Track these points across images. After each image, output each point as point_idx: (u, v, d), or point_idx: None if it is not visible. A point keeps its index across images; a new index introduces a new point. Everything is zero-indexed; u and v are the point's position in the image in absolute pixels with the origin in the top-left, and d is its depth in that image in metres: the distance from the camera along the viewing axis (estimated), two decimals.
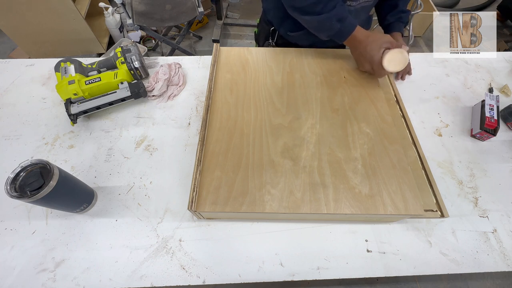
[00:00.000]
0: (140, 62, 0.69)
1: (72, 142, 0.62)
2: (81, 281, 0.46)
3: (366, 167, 0.51)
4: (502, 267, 0.49)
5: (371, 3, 0.70)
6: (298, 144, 0.53)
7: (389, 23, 0.75)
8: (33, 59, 0.78)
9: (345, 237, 0.51)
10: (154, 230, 0.51)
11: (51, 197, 0.41)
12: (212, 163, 0.50)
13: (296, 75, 0.66)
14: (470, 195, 0.57)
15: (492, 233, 0.53)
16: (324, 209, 0.46)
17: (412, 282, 1.14)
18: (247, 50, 0.71)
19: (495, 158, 0.63)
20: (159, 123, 0.66)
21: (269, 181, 0.48)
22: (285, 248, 0.49)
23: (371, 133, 0.56)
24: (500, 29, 2.16)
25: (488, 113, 0.65)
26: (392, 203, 0.47)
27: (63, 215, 0.52)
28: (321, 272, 0.47)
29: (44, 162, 0.42)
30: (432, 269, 0.48)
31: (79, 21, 1.57)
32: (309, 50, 0.72)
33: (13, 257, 0.47)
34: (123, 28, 1.86)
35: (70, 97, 0.62)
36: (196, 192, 0.46)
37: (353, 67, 0.68)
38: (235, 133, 0.55)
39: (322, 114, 0.59)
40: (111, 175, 0.57)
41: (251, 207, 0.45)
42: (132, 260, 0.48)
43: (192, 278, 0.46)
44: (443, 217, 0.49)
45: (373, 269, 0.48)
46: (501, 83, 0.78)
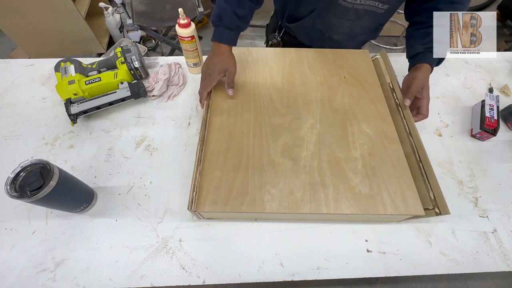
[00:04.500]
0: (140, 62, 0.69)
1: (72, 142, 0.62)
2: (81, 281, 0.46)
3: (366, 167, 0.51)
4: (502, 267, 0.49)
5: (381, 13, 0.64)
6: (298, 144, 0.53)
7: (417, 54, 0.61)
8: (33, 59, 0.78)
9: (345, 237, 0.51)
10: (154, 230, 0.51)
11: (51, 197, 0.41)
12: (212, 163, 0.50)
13: (296, 75, 0.66)
14: (470, 195, 0.57)
15: (492, 233, 0.53)
16: (324, 209, 0.46)
17: (412, 282, 1.14)
18: (247, 50, 0.71)
19: (495, 158, 0.63)
20: (159, 123, 0.66)
21: (269, 181, 0.48)
22: (285, 248, 0.49)
23: (371, 133, 0.56)
24: (500, 29, 2.16)
25: (488, 113, 0.65)
26: (392, 203, 0.47)
27: (63, 215, 0.52)
28: (321, 272, 0.47)
29: (44, 162, 0.42)
30: (432, 269, 0.48)
31: (79, 21, 1.57)
32: (309, 50, 0.72)
33: (13, 257, 0.47)
34: (123, 28, 1.86)
35: (70, 97, 0.62)
36: (196, 192, 0.46)
37: (353, 67, 0.68)
38: (235, 133, 0.55)
39: (322, 114, 0.59)
40: (111, 175, 0.57)
41: (251, 207, 0.45)
42: (132, 260, 0.48)
43: (192, 278, 0.46)
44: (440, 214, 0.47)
45: (373, 269, 0.48)
46: (501, 83, 0.78)
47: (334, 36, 0.72)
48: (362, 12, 0.64)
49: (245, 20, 0.58)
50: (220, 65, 0.57)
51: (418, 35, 0.61)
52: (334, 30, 0.71)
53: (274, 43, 0.82)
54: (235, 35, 0.58)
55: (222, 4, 0.55)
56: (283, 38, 0.81)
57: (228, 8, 0.55)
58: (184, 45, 0.67)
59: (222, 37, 0.57)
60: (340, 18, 0.67)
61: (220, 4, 0.56)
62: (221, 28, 0.56)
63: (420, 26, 0.61)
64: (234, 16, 0.55)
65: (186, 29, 0.63)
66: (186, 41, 0.65)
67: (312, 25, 0.71)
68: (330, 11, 0.65)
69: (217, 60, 0.57)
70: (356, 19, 0.66)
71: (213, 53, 0.58)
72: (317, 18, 0.68)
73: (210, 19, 0.59)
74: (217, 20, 0.56)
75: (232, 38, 0.58)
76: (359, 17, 0.66)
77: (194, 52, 0.69)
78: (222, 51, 0.58)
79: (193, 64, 0.73)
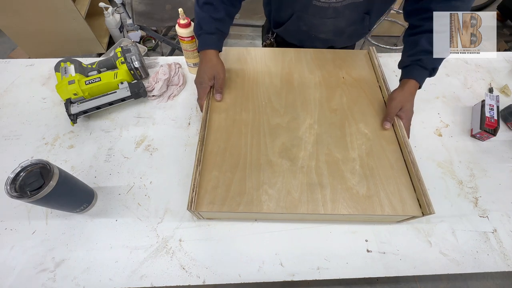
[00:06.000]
0: (140, 62, 0.69)
1: (72, 142, 0.62)
2: (81, 281, 0.46)
3: (364, 168, 0.51)
4: (502, 267, 0.49)
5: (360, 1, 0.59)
6: (296, 144, 0.53)
7: (404, 66, 0.58)
8: (33, 59, 0.78)
9: (345, 237, 0.51)
10: (154, 230, 0.51)
11: (51, 197, 0.41)
12: (210, 162, 0.50)
13: (294, 75, 0.66)
14: (470, 195, 0.57)
15: (492, 233, 0.53)
16: (321, 210, 0.46)
17: (412, 282, 1.14)
18: (246, 51, 0.71)
19: (495, 158, 0.63)
20: (159, 123, 0.66)
21: (266, 181, 0.48)
22: (285, 248, 0.49)
23: (369, 133, 0.56)
24: (500, 29, 2.16)
25: (488, 113, 0.65)
26: (390, 204, 0.47)
27: (63, 215, 0.52)
28: (321, 272, 0.47)
29: (44, 162, 0.42)
30: (432, 269, 0.48)
31: (79, 21, 1.57)
32: (308, 51, 0.72)
33: (13, 257, 0.48)
34: (123, 28, 1.86)
35: (70, 97, 0.62)
36: (196, 192, 0.46)
37: (352, 68, 0.68)
38: (233, 133, 0.55)
39: (320, 114, 0.59)
40: (111, 175, 0.57)
41: (249, 207, 0.46)
42: (132, 260, 0.48)
43: (192, 278, 0.46)
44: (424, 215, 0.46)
45: (373, 269, 0.48)
46: (501, 83, 0.78)
47: (320, 35, 0.72)
48: (341, 8, 0.61)
49: (223, 22, 0.59)
50: (209, 72, 0.58)
51: (407, 44, 0.58)
52: (318, 29, 0.70)
53: (267, 44, 0.83)
54: (217, 39, 0.59)
55: (199, 13, 0.58)
56: (276, 39, 0.82)
57: (205, 15, 0.57)
58: (184, 45, 0.67)
59: (205, 43, 0.58)
60: (320, 18, 0.65)
61: (197, 14, 0.58)
62: (203, 35, 0.58)
63: (412, 31, 0.58)
64: (211, 20, 0.57)
65: (186, 29, 0.63)
66: (186, 41, 0.66)
67: (296, 28, 0.71)
68: (308, 12, 0.65)
69: (206, 68, 0.58)
70: (336, 16, 0.64)
71: (201, 62, 0.60)
72: (299, 21, 0.69)
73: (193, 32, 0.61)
74: (198, 30, 0.59)
75: (214, 43, 0.58)
76: (339, 13, 0.63)
77: (194, 52, 0.69)
78: (208, 58, 0.58)
79: (193, 64, 0.73)
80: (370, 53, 0.71)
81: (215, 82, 0.58)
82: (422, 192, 0.46)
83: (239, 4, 0.62)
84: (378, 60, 0.68)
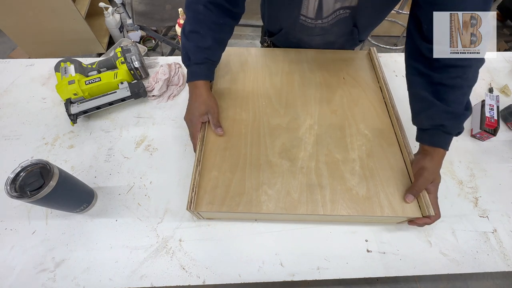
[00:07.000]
0: (140, 62, 0.69)
1: (72, 142, 0.62)
2: (81, 281, 0.46)
3: (363, 169, 0.51)
4: (502, 267, 0.49)
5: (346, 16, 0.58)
6: (296, 144, 0.53)
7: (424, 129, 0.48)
8: (33, 59, 0.78)
9: (345, 237, 0.51)
10: (154, 230, 0.51)
11: (51, 197, 0.42)
12: (210, 163, 0.50)
13: (295, 75, 0.66)
14: (470, 195, 0.57)
15: (492, 233, 0.53)
16: (320, 210, 0.46)
17: (412, 282, 1.14)
18: (246, 51, 0.71)
19: (495, 158, 0.63)
20: (159, 123, 0.66)
21: (266, 182, 0.48)
22: (285, 248, 0.49)
23: (369, 134, 0.56)
24: (500, 29, 2.16)
25: (488, 113, 0.65)
26: (389, 205, 0.47)
27: (63, 215, 0.52)
28: (321, 272, 0.47)
29: (44, 162, 0.42)
30: (432, 269, 0.48)
31: (79, 21, 1.57)
32: (308, 51, 0.72)
33: (13, 257, 0.48)
34: (123, 28, 1.86)
35: (70, 97, 0.62)
36: (195, 192, 0.46)
37: (353, 68, 0.68)
38: (233, 133, 0.55)
39: (320, 115, 0.59)
40: (111, 175, 0.57)
41: (248, 207, 0.46)
42: (132, 260, 0.48)
43: (192, 278, 0.46)
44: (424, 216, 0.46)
45: (373, 269, 0.48)
46: (501, 83, 0.78)
47: (312, 47, 0.73)
48: (328, 26, 0.61)
49: (212, 50, 0.55)
50: (201, 109, 0.53)
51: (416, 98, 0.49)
52: (308, 43, 0.71)
53: (265, 46, 0.83)
54: (207, 69, 0.56)
55: (185, 44, 0.54)
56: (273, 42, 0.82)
57: (191, 45, 0.54)
58: None
59: (194, 74, 0.55)
60: (308, 35, 0.67)
61: (183, 44, 0.55)
62: (191, 66, 0.55)
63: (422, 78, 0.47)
64: (198, 49, 0.53)
65: None
66: None
67: (286, 40, 0.72)
68: (295, 29, 0.66)
69: (197, 104, 0.54)
70: (324, 33, 0.65)
71: (191, 96, 0.56)
72: (287, 35, 0.70)
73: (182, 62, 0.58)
74: (187, 60, 0.55)
75: (204, 73, 0.55)
76: (327, 31, 0.63)
77: None
78: (199, 92, 0.54)
79: None
80: (371, 54, 0.71)
81: (211, 118, 0.54)
82: (422, 193, 0.46)
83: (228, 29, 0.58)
84: (379, 60, 0.68)
